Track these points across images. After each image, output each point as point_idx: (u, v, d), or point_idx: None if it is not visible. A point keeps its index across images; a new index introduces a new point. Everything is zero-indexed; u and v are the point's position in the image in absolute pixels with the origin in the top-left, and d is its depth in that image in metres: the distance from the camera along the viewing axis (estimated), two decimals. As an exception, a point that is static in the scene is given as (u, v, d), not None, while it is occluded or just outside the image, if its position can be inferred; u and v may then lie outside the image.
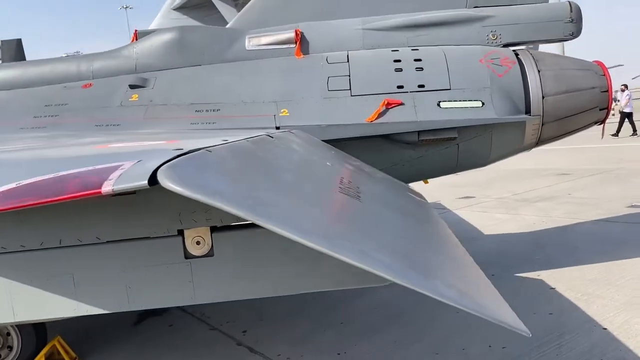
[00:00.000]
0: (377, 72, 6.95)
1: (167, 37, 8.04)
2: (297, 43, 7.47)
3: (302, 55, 7.43)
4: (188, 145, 2.85)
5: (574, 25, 7.21)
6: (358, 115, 6.65)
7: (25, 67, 8.65)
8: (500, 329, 2.12)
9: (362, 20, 7.47)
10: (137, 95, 7.73)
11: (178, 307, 7.75)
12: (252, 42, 7.72)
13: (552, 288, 7.08)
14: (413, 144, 6.76)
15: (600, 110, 7.09)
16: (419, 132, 6.63)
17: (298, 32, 7.50)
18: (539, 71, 6.98)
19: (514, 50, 7.17)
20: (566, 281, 7.24)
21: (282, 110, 6.95)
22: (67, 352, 6.12)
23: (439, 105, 6.59)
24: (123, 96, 7.83)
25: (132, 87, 7.83)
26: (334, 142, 6.39)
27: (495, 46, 7.19)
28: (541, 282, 7.38)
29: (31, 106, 8.03)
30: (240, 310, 7.39)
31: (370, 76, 6.92)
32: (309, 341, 6.20)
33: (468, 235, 10.05)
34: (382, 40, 7.34)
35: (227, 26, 8.49)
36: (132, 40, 8.47)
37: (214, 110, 7.19)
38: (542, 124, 6.98)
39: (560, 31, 7.21)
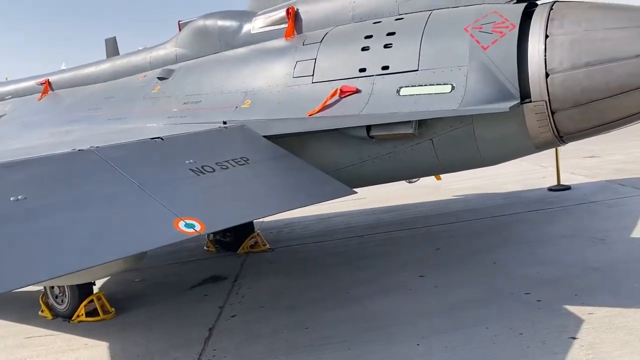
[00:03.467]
0: (342, 53, 6.21)
1: (193, 26, 8.08)
2: (289, 23, 6.87)
3: (291, 36, 6.84)
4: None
5: None
6: (309, 107, 6.00)
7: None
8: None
9: None
10: (159, 87, 7.92)
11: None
12: (255, 25, 7.34)
13: None
14: (376, 140, 6.02)
15: None
16: (368, 127, 5.87)
17: (290, 11, 6.89)
18: (546, 37, 5.27)
19: (529, 7, 5.62)
20: None
21: (246, 101, 6.59)
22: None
23: (398, 92, 5.69)
24: (150, 88, 8.04)
25: (160, 79, 8.03)
26: (292, 137, 6.09)
27: (507, 2, 5.71)
28: None
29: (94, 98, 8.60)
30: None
31: (335, 59, 6.23)
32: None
33: None
34: (371, 9, 6.41)
35: (246, 8, 7.92)
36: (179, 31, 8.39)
37: (195, 102, 7.06)
38: (553, 112, 5.38)
39: None
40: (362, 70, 6.01)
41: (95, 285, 7.87)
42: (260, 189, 5.21)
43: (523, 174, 14.47)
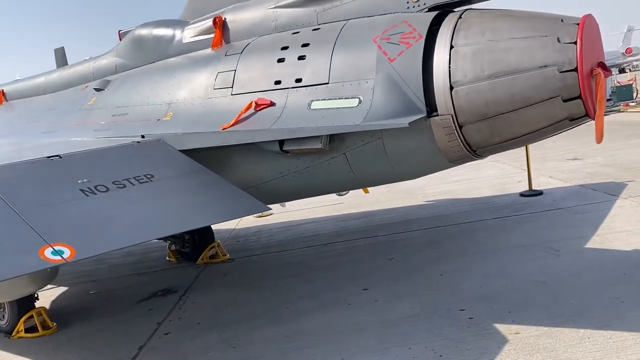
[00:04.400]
0: (260, 64, 6.03)
1: (131, 36, 7.90)
2: (216, 32, 6.68)
3: (218, 47, 6.65)
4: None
5: None
6: (227, 119, 5.81)
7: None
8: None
9: None
10: (94, 99, 7.78)
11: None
12: (187, 35, 7.16)
13: None
14: (292, 154, 5.84)
15: (567, 101, 4.76)
16: (281, 142, 5.68)
17: (217, 21, 6.67)
18: (451, 48, 5.04)
19: (438, 16, 5.35)
20: None
21: (168, 114, 6.43)
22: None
23: (309, 106, 5.50)
24: (86, 100, 7.91)
25: (96, 90, 7.90)
26: (212, 151, 5.92)
27: (418, 11, 5.46)
28: None
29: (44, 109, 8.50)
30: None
31: (253, 70, 6.06)
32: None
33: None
34: (292, 19, 6.21)
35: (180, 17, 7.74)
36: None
37: (123, 115, 6.89)
38: (460, 126, 5.14)
39: None
40: (278, 82, 5.83)
41: (38, 300, 7.79)
42: (157, 208, 5.01)
43: (500, 178, 14.25)
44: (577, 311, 5.86)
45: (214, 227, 12.10)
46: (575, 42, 4.66)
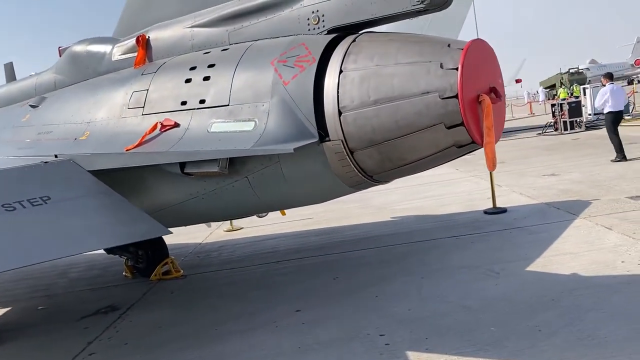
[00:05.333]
0: (170, 84, 5.97)
1: (68, 52, 7.84)
2: (139, 51, 6.64)
3: (140, 65, 6.59)
4: None
5: None
6: (134, 140, 5.73)
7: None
8: None
9: (193, 16, 6.31)
10: (28, 116, 7.79)
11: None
12: (115, 53, 7.14)
13: None
14: (195, 177, 5.70)
15: (450, 128, 4.67)
16: (182, 164, 5.58)
17: (140, 39, 6.63)
18: (340, 72, 4.97)
19: (335, 38, 5.23)
20: None
21: (85, 133, 6.39)
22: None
23: (209, 128, 5.44)
24: (21, 116, 7.90)
25: (31, 107, 7.89)
26: (123, 172, 5.82)
27: (318, 33, 5.38)
28: None
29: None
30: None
31: (163, 90, 6.00)
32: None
33: None
34: (206, 38, 6.14)
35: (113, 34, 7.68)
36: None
37: (47, 133, 6.83)
38: (352, 152, 5.06)
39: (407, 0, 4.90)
40: (184, 103, 5.76)
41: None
42: (45, 232, 4.96)
43: (472, 194, 14.10)
44: (492, 340, 5.74)
45: (180, 241, 12.19)
46: (457, 68, 4.54)
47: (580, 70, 64.38)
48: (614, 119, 16.75)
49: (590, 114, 28.84)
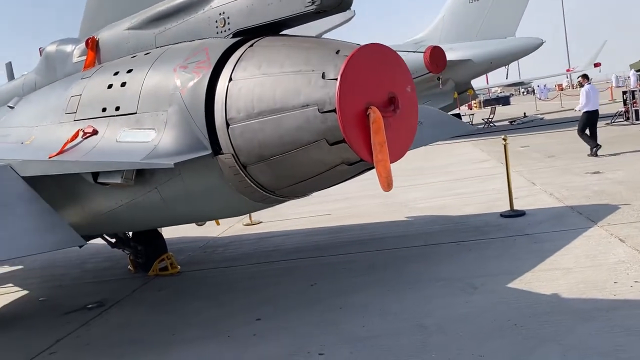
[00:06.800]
0: (97, 90, 5.82)
1: (44, 52, 8.01)
2: (88, 53, 6.52)
3: (88, 68, 6.45)
4: None
5: None
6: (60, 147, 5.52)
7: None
8: None
9: (130, 18, 6.10)
10: (4, 117, 7.97)
11: None
12: (75, 55, 7.07)
13: None
14: (111, 186, 5.43)
15: (333, 145, 4.24)
16: (94, 174, 5.38)
17: (89, 42, 6.50)
18: (230, 79, 4.65)
19: (238, 43, 4.89)
20: None
21: (31, 137, 6.31)
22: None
23: (118, 137, 5.25)
24: (1, 118, 8.08)
25: (10, 108, 8.13)
26: (55, 179, 5.69)
27: (225, 36, 5.07)
28: None
29: None
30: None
31: (91, 96, 5.85)
32: None
33: None
34: (137, 41, 5.93)
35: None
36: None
37: (5, 136, 6.88)
38: (244, 166, 4.73)
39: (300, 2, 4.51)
40: (104, 109, 5.61)
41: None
42: None
43: (502, 192, 13.12)
44: (427, 368, 5.30)
45: (197, 234, 12.34)
46: (337, 79, 4.04)
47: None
48: (589, 119, 17.85)
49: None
